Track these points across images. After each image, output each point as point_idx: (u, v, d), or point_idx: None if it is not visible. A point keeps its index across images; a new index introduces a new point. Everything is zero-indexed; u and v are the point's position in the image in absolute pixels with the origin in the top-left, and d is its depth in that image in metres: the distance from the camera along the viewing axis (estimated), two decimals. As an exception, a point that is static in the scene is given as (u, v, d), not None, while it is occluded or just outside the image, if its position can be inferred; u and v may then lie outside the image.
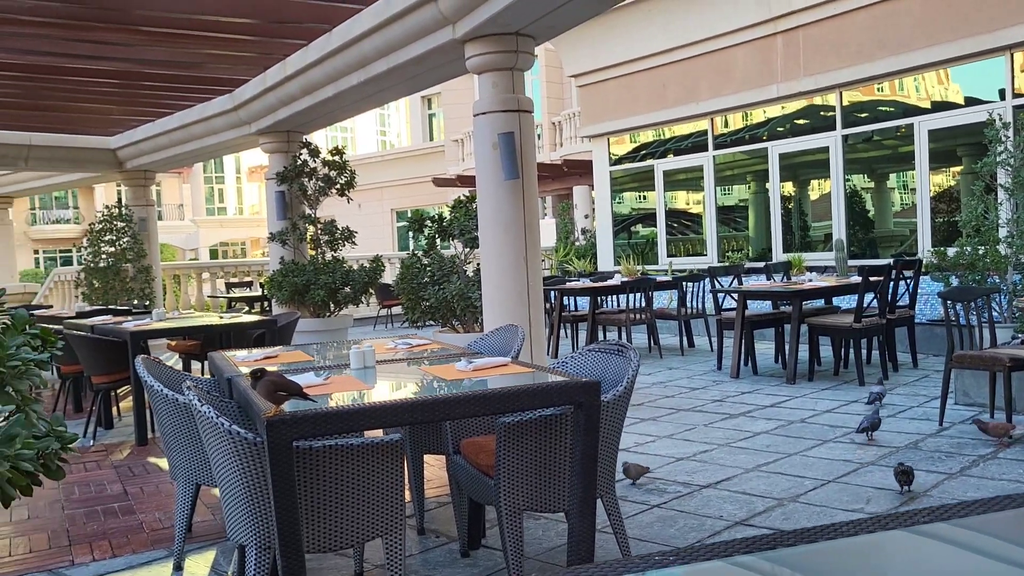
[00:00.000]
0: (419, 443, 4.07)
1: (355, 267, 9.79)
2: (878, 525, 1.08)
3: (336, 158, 9.90)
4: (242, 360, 3.97)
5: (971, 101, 9.87)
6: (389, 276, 15.06)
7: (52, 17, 6.79)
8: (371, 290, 10.01)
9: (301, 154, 9.90)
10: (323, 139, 10.20)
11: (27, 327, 1.86)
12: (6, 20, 6.84)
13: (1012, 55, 9.20)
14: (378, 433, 3.27)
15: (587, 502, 3.06)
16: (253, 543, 2.86)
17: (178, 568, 3.69)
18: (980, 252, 7.37)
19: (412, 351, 4.14)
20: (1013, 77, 9.24)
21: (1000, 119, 7.73)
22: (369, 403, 2.71)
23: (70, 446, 1.90)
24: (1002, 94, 9.34)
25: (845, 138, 11.06)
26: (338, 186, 9.84)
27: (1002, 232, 7.54)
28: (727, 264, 11.51)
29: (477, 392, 2.84)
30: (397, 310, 14.08)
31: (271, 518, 2.82)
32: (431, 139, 28.59)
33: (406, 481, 3.09)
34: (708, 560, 1.01)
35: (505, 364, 3.44)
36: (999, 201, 7.63)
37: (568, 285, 9.91)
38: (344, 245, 10.00)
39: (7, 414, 1.56)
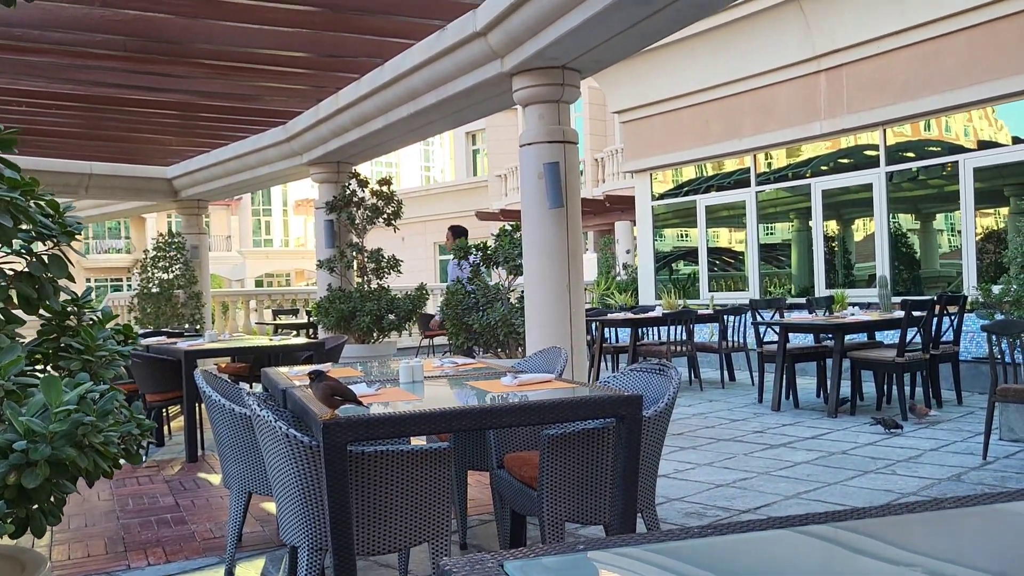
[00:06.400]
0: (463, 460, 4.17)
1: (400, 296, 9.98)
2: (768, 524, 1.22)
3: (384, 188, 10.14)
4: (295, 375, 4.12)
5: (1018, 140, 9.85)
6: (432, 308, 15.23)
7: (117, 50, 7.12)
8: (415, 318, 10.17)
9: (350, 184, 10.16)
10: (370, 174, 10.51)
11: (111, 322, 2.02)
12: (73, 53, 7.19)
13: (1059, 93, 9.20)
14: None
15: (627, 515, 3.13)
16: (306, 544, 2.98)
17: (230, 573, 3.82)
18: (1026, 288, 7.32)
19: (458, 368, 4.26)
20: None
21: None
22: (420, 410, 2.83)
23: (141, 440, 2.04)
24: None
25: (889, 175, 11.06)
26: (385, 215, 10.06)
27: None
28: (769, 297, 11.51)
29: (522, 402, 2.94)
30: (439, 341, 14.21)
31: (324, 521, 2.94)
32: (475, 174, 28.96)
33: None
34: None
35: (549, 380, 3.54)
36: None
37: (609, 316, 9.97)
38: (390, 273, 10.20)
39: (98, 395, 1.71)
